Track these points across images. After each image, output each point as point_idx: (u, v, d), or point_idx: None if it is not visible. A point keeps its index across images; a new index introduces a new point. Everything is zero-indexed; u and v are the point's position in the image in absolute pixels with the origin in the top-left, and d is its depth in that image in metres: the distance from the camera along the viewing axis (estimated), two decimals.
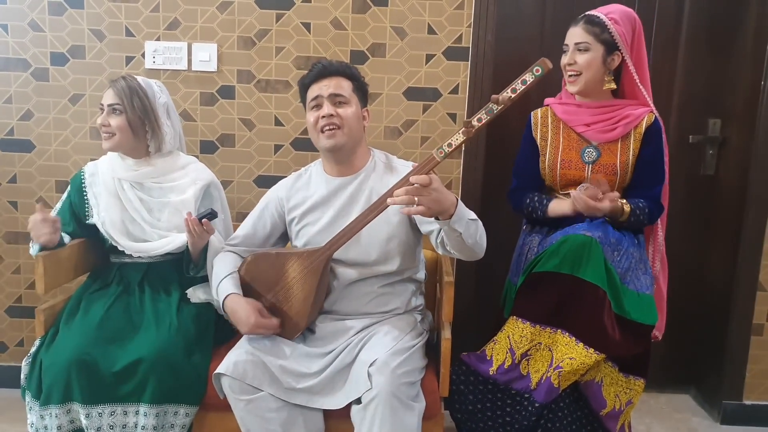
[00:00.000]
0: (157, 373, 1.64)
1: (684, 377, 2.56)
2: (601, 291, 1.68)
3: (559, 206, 1.88)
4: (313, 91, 1.72)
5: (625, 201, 1.84)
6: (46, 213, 1.76)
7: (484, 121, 1.48)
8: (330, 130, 1.68)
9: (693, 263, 2.47)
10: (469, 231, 1.51)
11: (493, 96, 1.47)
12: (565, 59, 1.88)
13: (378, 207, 1.61)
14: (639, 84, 1.86)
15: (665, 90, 2.37)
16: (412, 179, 1.41)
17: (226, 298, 1.69)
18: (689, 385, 2.57)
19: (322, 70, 1.72)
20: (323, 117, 1.68)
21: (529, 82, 1.44)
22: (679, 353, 2.52)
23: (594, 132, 1.87)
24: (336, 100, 1.69)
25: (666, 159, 1.92)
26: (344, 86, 1.71)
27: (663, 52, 2.36)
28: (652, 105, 1.89)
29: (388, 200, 1.45)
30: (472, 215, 1.54)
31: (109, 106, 1.82)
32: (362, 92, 1.77)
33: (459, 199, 1.49)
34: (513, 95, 1.45)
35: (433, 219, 1.53)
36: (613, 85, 1.88)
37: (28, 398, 1.72)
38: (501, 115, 2.26)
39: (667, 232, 2.05)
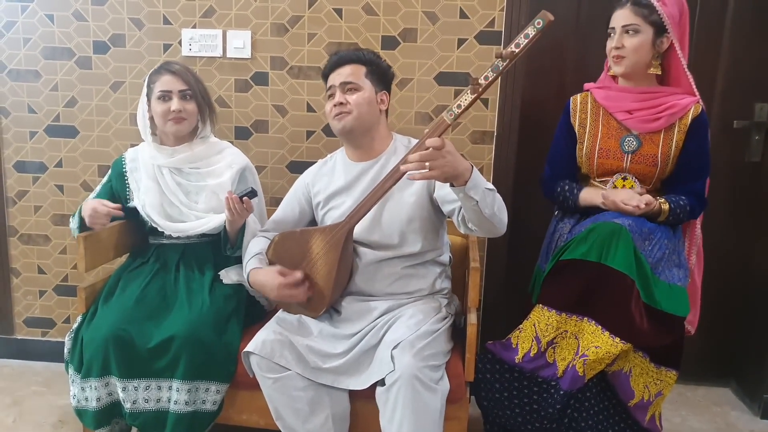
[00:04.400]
0: (188, 350, 1.70)
1: (724, 370, 2.48)
2: (629, 279, 1.64)
3: (590, 195, 1.84)
4: (329, 81, 1.79)
5: (663, 200, 1.78)
6: (111, 209, 1.84)
7: (491, 79, 1.50)
8: (339, 115, 1.74)
9: (736, 254, 2.38)
10: (485, 200, 1.50)
11: (497, 50, 1.50)
12: (611, 43, 1.81)
13: (393, 176, 1.64)
14: (686, 70, 1.78)
15: (708, 72, 2.28)
16: (428, 142, 1.43)
17: (249, 274, 1.76)
18: (730, 379, 2.49)
19: (337, 60, 1.78)
20: (335, 105, 1.74)
21: (531, 36, 1.46)
22: (720, 346, 2.45)
23: (636, 121, 1.81)
24: (346, 87, 1.74)
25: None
26: (356, 73, 1.75)
27: (707, 32, 2.27)
28: (697, 94, 1.82)
29: (402, 167, 1.47)
30: (489, 185, 1.54)
31: (180, 92, 1.89)
32: (378, 76, 1.79)
33: (475, 167, 1.49)
34: (516, 50, 1.47)
35: (454, 197, 1.53)
36: (659, 71, 1.81)
37: (70, 371, 1.81)
38: (535, 98, 2.27)
39: (708, 222, 1.98)
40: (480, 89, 1.50)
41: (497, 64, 1.48)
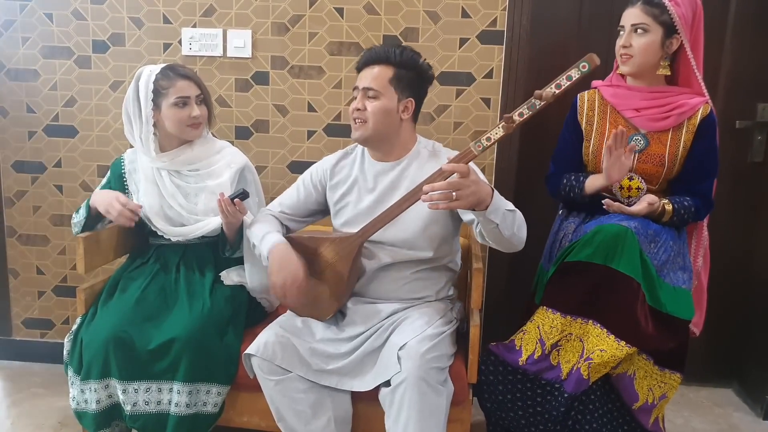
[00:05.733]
0: (189, 352, 1.68)
1: (727, 371, 2.48)
2: (635, 283, 1.63)
3: (596, 181, 1.80)
4: (357, 79, 1.73)
5: (667, 201, 1.77)
6: (136, 210, 1.84)
7: (525, 117, 1.46)
8: (356, 121, 1.71)
9: (738, 254, 2.38)
10: (506, 222, 1.49)
11: (537, 91, 1.44)
12: (620, 41, 1.79)
13: (412, 198, 1.62)
14: (695, 71, 1.77)
15: (711, 72, 2.26)
16: (446, 167, 1.41)
17: (274, 246, 1.69)
18: (732, 380, 2.48)
19: (367, 59, 1.72)
20: (354, 109, 1.71)
21: (574, 78, 1.41)
22: (722, 346, 2.44)
23: (644, 119, 1.79)
24: (368, 93, 1.69)
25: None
26: (381, 77, 1.68)
27: (709, 32, 2.21)
28: (707, 95, 1.80)
29: (423, 198, 1.44)
30: (510, 206, 1.52)
31: (197, 97, 1.87)
32: (406, 81, 1.70)
33: (494, 189, 1.47)
34: (557, 91, 1.42)
35: (472, 213, 1.52)
36: (668, 71, 1.78)
37: (70, 373, 1.80)
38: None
39: (711, 222, 1.97)
40: (513, 126, 1.46)
41: (534, 102, 1.44)
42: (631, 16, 1.76)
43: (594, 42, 2.20)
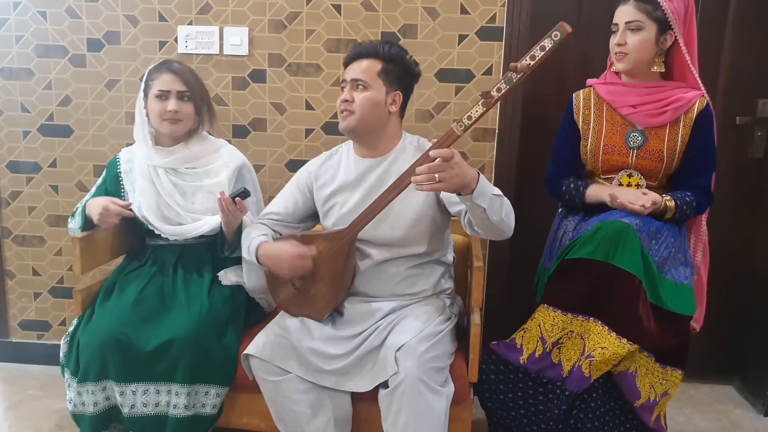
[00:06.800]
0: (188, 353, 1.67)
1: (728, 368, 2.47)
2: (636, 280, 1.62)
3: (596, 192, 1.81)
4: (345, 72, 1.74)
5: (669, 197, 1.76)
6: (123, 207, 1.81)
7: (503, 91, 1.45)
8: (343, 113, 1.70)
9: (739, 250, 2.37)
10: (493, 207, 1.48)
11: (512, 64, 1.44)
12: (614, 39, 1.78)
13: (400, 185, 1.61)
14: (690, 66, 1.76)
15: (711, 68, 2.25)
16: (432, 153, 1.40)
17: (259, 248, 1.70)
18: (733, 376, 2.48)
19: (356, 53, 1.74)
20: (342, 101, 1.71)
21: (548, 48, 1.40)
22: (723, 343, 2.43)
23: (641, 115, 1.78)
24: (355, 84, 1.70)
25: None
26: (370, 69, 1.70)
27: (709, 28, 2.25)
28: (702, 88, 1.79)
29: (412, 178, 1.43)
30: (496, 191, 1.51)
31: (178, 92, 1.84)
32: (394, 75, 1.71)
33: (480, 173, 1.46)
34: (532, 62, 1.42)
35: (459, 198, 1.51)
36: (663, 68, 1.78)
37: (66, 375, 1.78)
38: (537, 95, 2.25)
39: (712, 219, 1.97)
40: (492, 101, 1.46)
41: (510, 76, 1.43)
42: (625, 13, 1.75)
43: (593, 39, 2.18)
